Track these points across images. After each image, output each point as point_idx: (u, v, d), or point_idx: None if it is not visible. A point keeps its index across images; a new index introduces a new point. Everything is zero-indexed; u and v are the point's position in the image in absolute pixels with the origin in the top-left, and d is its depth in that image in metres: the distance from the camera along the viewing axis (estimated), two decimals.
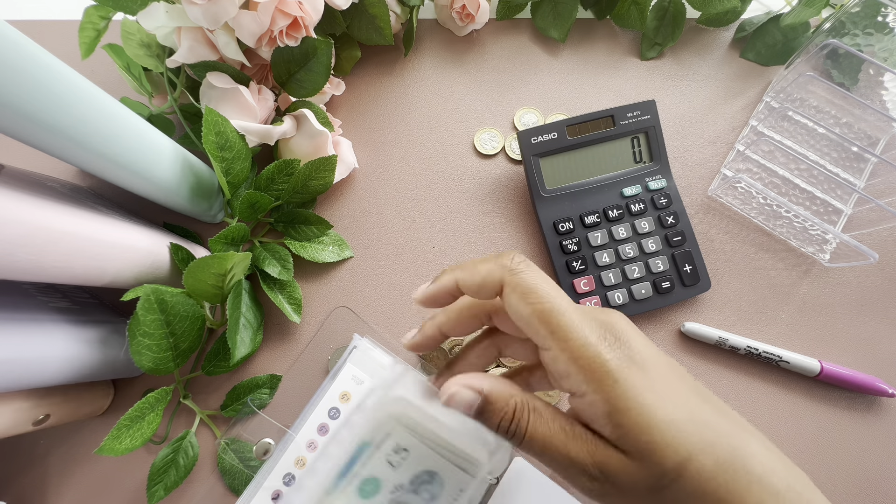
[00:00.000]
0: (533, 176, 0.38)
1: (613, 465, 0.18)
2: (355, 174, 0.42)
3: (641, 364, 0.18)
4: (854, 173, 0.40)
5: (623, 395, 0.18)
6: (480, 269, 0.21)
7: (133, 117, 0.29)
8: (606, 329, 0.19)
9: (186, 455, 0.33)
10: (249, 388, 0.35)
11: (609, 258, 0.37)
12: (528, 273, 0.20)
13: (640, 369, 0.18)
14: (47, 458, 0.35)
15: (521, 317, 0.19)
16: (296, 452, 0.33)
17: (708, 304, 0.38)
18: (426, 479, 0.23)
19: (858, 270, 0.38)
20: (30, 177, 0.29)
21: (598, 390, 0.18)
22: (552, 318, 0.19)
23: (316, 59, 0.35)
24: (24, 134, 0.24)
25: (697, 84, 0.44)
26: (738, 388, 0.36)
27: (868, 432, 0.35)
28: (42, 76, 0.23)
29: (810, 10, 0.39)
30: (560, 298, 0.19)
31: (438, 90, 0.44)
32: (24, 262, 0.23)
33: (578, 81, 0.44)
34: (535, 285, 0.19)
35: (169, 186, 0.32)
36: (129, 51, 0.37)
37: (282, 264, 0.36)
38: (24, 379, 0.27)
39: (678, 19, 0.43)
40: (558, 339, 0.18)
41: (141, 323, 0.28)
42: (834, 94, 0.42)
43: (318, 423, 0.33)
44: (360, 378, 0.34)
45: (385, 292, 0.38)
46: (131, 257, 0.30)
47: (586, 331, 0.19)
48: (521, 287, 0.19)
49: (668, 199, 0.38)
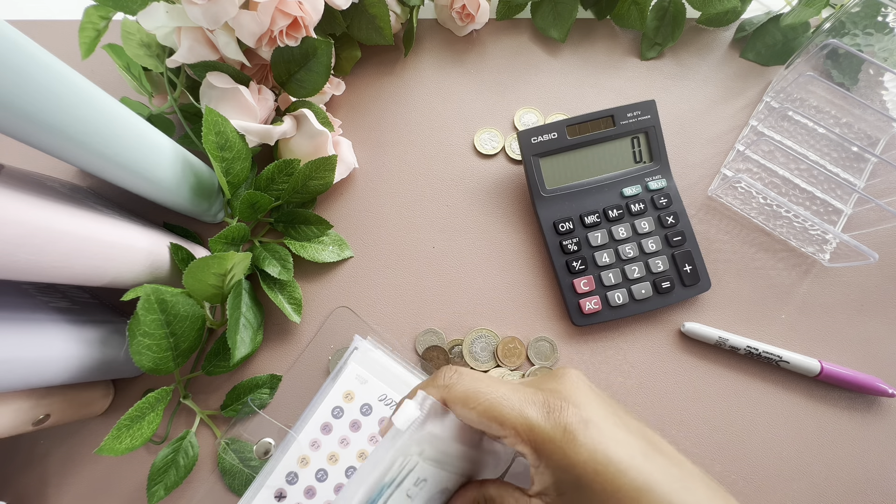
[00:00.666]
0: (533, 176, 0.38)
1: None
2: (355, 174, 0.42)
3: (588, 427, 0.20)
4: (854, 173, 0.40)
5: (566, 465, 0.19)
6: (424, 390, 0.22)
7: (133, 117, 0.29)
8: (548, 396, 0.21)
9: (186, 455, 0.33)
10: (249, 388, 0.35)
11: (609, 258, 0.37)
12: (461, 383, 0.22)
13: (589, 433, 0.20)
14: (47, 458, 0.35)
15: (472, 421, 0.21)
16: (298, 451, 0.33)
17: (708, 304, 0.38)
18: (438, 497, 0.24)
19: (858, 270, 0.38)
20: (30, 177, 0.29)
21: (548, 464, 0.20)
22: (494, 412, 0.20)
23: (316, 59, 0.35)
24: (24, 134, 0.24)
25: (697, 84, 0.44)
26: (738, 388, 0.36)
27: (868, 432, 0.35)
28: (42, 76, 0.23)
29: (810, 10, 0.39)
30: (496, 391, 0.21)
31: (438, 90, 0.44)
32: (24, 262, 0.23)
33: (578, 81, 0.44)
34: (470, 391, 0.21)
35: (169, 186, 0.32)
36: (129, 51, 0.37)
37: (282, 264, 0.36)
38: (24, 379, 0.27)
39: (678, 19, 0.43)
40: (507, 427, 0.20)
41: (141, 323, 0.28)
42: (834, 94, 0.42)
43: (322, 422, 0.33)
44: (364, 377, 0.34)
45: (385, 292, 0.38)
46: (131, 257, 0.30)
47: (528, 410, 0.20)
48: (459, 398, 0.21)
49: (668, 199, 0.38)
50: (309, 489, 0.32)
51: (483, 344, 0.36)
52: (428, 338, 0.37)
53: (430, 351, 0.36)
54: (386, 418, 0.33)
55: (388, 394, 0.34)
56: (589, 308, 0.36)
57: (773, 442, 0.35)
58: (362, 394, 0.34)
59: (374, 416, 0.33)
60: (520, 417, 0.20)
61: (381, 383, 0.34)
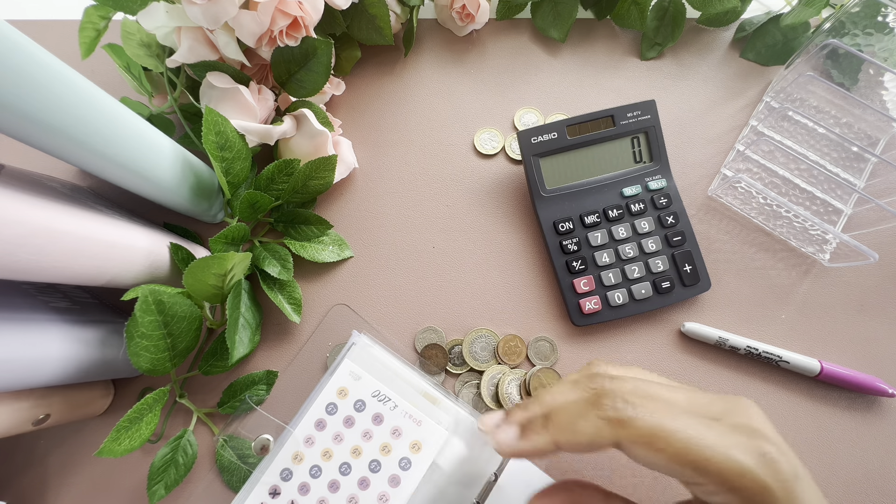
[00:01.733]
0: (533, 176, 0.38)
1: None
2: (355, 174, 0.42)
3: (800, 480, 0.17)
4: (854, 173, 0.40)
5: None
6: (583, 430, 0.18)
7: (133, 117, 0.29)
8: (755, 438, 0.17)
9: (185, 453, 0.33)
10: (246, 385, 0.35)
11: (609, 258, 0.37)
12: (641, 416, 0.17)
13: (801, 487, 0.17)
14: (47, 458, 0.35)
15: (658, 466, 0.17)
16: (293, 448, 0.33)
17: (708, 304, 0.38)
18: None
19: (858, 270, 0.38)
20: (30, 177, 0.29)
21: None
22: (691, 456, 0.16)
23: (316, 59, 0.35)
24: (24, 134, 0.24)
25: (697, 84, 0.44)
26: (738, 388, 0.36)
27: (868, 432, 0.35)
28: (42, 76, 0.23)
29: (810, 10, 0.39)
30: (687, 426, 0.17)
31: (438, 90, 0.44)
32: (24, 262, 0.23)
33: (578, 81, 0.44)
34: (655, 429, 0.17)
35: (169, 186, 0.33)
36: (129, 51, 0.37)
37: (282, 264, 0.36)
38: (24, 379, 0.27)
39: (678, 19, 0.43)
40: (709, 475, 0.16)
41: (139, 324, 0.28)
42: (834, 94, 0.42)
43: (316, 418, 0.33)
44: (357, 374, 0.34)
45: (385, 292, 0.38)
46: (131, 257, 0.30)
47: (736, 454, 0.16)
48: (642, 439, 0.17)
49: (668, 199, 0.38)
50: (303, 485, 0.32)
51: (483, 344, 0.36)
52: (427, 335, 0.37)
53: (430, 349, 0.36)
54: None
55: (382, 390, 0.34)
56: (589, 308, 0.36)
57: None
58: (356, 390, 0.34)
59: (368, 413, 0.33)
60: (727, 462, 0.16)
61: (375, 380, 0.34)
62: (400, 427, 0.33)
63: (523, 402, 0.23)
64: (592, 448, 0.18)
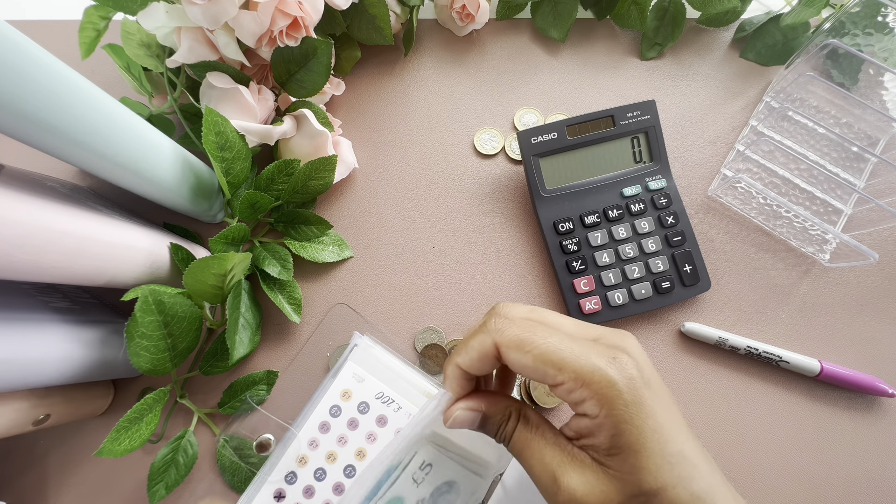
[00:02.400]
0: (533, 176, 0.38)
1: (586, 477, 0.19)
2: (355, 174, 0.42)
3: (650, 387, 0.19)
4: (854, 173, 0.40)
5: (628, 418, 0.18)
6: (473, 345, 0.21)
7: (133, 117, 0.29)
8: (615, 351, 0.20)
9: (186, 454, 0.33)
10: (246, 385, 0.35)
11: (609, 258, 0.37)
12: (514, 326, 0.21)
13: (650, 392, 0.19)
14: (47, 458, 0.35)
15: (526, 367, 0.20)
16: (297, 450, 0.33)
17: (708, 304, 0.38)
18: (445, 489, 0.24)
19: (858, 270, 0.38)
20: (30, 177, 0.29)
21: (609, 414, 0.19)
22: (553, 357, 0.19)
23: (316, 59, 0.35)
24: (24, 134, 0.24)
25: (697, 84, 0.44)
26: (738, 388, 0.36)
27: (868, 432, 0.35)
28: (42, 76, 0.23)
29: (810, 10, 0.39)
30: (553, 336, 0.20)
31: (438, 90, 0.44)
32: (24, 262, 0.23)
33: (578, 81, 0.44)
34: (525, 335, 0.20)
35: (169, 186, 0.32)
36: (129, 51, 0.37)
37: (282, 264, 0.36)
38: (24, 379, 0.27)
39: (678, 19, 0.43)
40: (567, 371, 0.19)
41: (139, 324, 0.28)
42: (834, 94, 0.42)
43: (320, 421, 0.33)
44: (360, 376, 0.34)
45: (385, 292, 0.38)
46: (131, 257, 0.30)
47: (593, 357, 0.19)
48: (512, 342, 0.20)
49: (668, 199, 0.38)
50: (308, 489, 0.32)
51: None
52: (427, 335, 0.37)
53: (430, 349, 0.36)
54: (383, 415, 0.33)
55: (386, 392, 0.34)
56: (589, 308, 0.36)
57: (772, 442, 0.35)
58: (360, 392, 0.34)
59: (372, 415, 0.33)
60: (581, 360, 0.19)
61: (378, 381, 0.34)
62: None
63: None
64: (484, 360, 0.21)
